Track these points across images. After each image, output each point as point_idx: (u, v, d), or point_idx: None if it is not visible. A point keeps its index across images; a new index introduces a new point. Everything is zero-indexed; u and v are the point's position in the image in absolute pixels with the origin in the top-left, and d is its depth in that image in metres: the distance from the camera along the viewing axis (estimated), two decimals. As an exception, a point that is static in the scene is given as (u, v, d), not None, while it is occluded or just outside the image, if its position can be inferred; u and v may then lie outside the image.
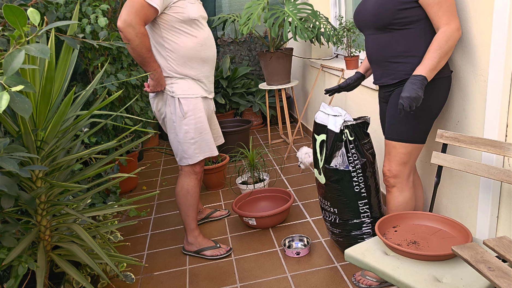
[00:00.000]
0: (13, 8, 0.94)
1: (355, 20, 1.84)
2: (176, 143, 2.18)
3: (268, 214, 2.46)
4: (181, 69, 2.07)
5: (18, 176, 1.36)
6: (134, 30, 1.88)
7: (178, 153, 2.19)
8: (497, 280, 1.02)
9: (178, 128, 2.12)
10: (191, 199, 2.25)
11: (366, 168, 1.97)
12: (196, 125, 2.12)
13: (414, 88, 1.54)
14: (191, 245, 2.30)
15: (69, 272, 1.60)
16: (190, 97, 2.09)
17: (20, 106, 0.93)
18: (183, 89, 2.08)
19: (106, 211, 1.80)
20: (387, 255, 1.47)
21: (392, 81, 1.73)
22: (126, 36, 1.90)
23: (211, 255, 2.25)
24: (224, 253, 2.28)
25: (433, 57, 1.56)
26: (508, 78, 1.47)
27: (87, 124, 1.93)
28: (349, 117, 1.97)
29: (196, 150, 2.15)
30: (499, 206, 1.62)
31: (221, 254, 2.26)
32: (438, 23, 1.58)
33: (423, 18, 1.62)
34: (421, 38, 1.64)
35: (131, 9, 1.87)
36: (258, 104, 4.68)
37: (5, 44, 1.32)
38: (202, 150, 2.17)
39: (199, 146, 2.16)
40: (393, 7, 1.61)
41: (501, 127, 1.53)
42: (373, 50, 1.77)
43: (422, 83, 1.55)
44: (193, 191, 2.25)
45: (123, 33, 1.89)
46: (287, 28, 3.21)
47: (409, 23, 1.62)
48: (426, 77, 1.56)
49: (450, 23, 1.56)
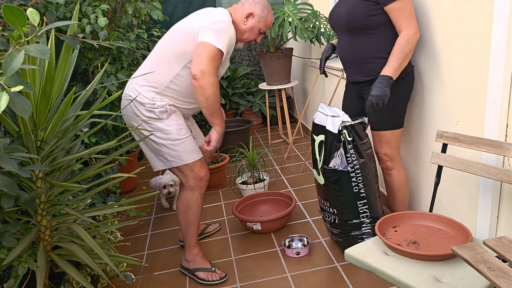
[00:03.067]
0: (13, 8, 0.94)
1: (330, 21, 2.05)
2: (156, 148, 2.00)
3: (273, 218, 2.43)
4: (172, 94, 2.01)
5: (18, 176, 1.36)
6: (211, 79, 1.86)
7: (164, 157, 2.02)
8: (497, 280, 1.02)
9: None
10: (192, 215, 2.10)
11: (365, 168, 1.97)
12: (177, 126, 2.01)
13: (381, 87, 1.78)
14: (188, 262, 2.19)
15: (69, 272, 1.60)
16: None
17: (19, 106, 0.93)
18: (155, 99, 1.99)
19: (106, 211, 1.80)
20: (387, 255, 1.47)
21: (364, 78, 1.95)
22: (202, 85, 1.86)
23: (203, 278, 2.12)
24: (216, 279, 2.11)
25: (396, 59, 1.79)
26: (508, 78, 1.47)
27: (87, 124, 1.92)
28: (347, 118, 1.96)
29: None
30: (499, 206, 1.62)
31: (212, 280, 2.11)
32: (399, 27, 1.81)
33: (388, 23, 1.84)
34: (388, 41, 1.86)
35: (207, 57, 1.84)
36: (258, 104, 4.68)
37: (5, 44, 1.32)
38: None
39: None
40: (363, 13, 1.82)
41: (501, 127, 1.53)
42: (346, 51, 1.98)
43: (388, 82, 1.79)
44: (195, 206, 2.09)
45: (199, 81, 1.85)
46: (287, 28, 3.21)
47: (377, 27, 1.84)
48: (391, 77, 1.80)
49: (409, 27, 1.79)
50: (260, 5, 2.05)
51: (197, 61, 1.85)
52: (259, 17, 2.04)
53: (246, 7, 2.04)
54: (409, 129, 2.25)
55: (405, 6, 1.78)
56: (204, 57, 1.84)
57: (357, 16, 1.83)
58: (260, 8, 2.04)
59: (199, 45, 1.88)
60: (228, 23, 1.94)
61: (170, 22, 4.66)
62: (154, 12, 3.10)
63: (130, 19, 3.04)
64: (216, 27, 1.88)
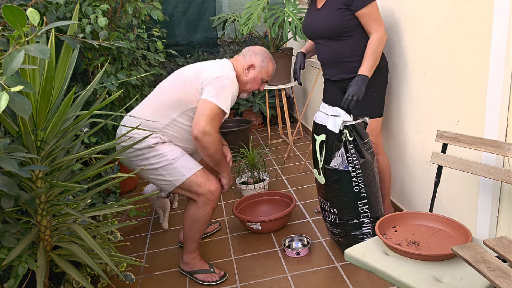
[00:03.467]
0: (13, 8, 0.94)
1: (305, 32, 2.28)
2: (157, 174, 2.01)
3: (273, 218, 2.43)
4: (167, 138, 2.04)
5: (18, 176, 1.36)
6: (212, 138, 1.91)
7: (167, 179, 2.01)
8: (497, 280, 1.02)
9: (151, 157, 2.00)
10: (199, 227, 2.08)
11: (365, 168, 1.97)
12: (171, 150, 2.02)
13: (359, 85, 2.03)
14: (186, 264, 2.19)
15: (69, 272, 1.60)
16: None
17: (19, 106, 0.93)
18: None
19: (106, 211, 1.80)
20: (387, 255, 1.47)
21: (348, 75, 2.17)
22: (204, 145, 1.91)
23: (202, 279, 2.12)
24: (216, 280, 2.10)
25: (370, 59, 2.04)
26: (508, 78, 1.47)
27: (87, 124, 1.92)
28: (349, 117, 1.96)
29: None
30: (499, 206, 1.62)
31: (212, 281, 2.10)
32: (369, 30, 2.05)
33: (361, 26, 2.08)
34: (363, 41, 2.09)
35: (209, 117, 1.88)
36: (258, 104, 4.68)
37: (5, 44, 1.32)
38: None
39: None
40: (341, 20, 2.06)
41: (501, 127, 1.53)
42: (327, 55, 2.21)
43: (364, 80, 2.04)
44: (203, 221, 2.05)
45: (201, 142, 1.90)
46: (287, 28, 3.21)
47: (352, 31, 2.08)
48: (367, 76, 2.04)
49: (378, 30, 2.04)
50: (260, 56, 2.11)
51: (198, 121, 1.90)
52: (260, 67, 2.11)
53: (247, 59, 2.11)
54: (409, 129, 2.25)
55: (373, 11, 2.02)
56: (206, 117, 1.89)
57: (336, 24, 2.08)
58: (261, 58, 2.11)
59: (202, 103, 1.92)
60: (232, 79, 1.99)
61: (170, 22, 4.68)
62: (154, 12, 3.10)
63: (130, 19, 3.04)
64: (219, 85, 1.93)
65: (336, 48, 2.15)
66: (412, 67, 2.12)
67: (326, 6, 2.12)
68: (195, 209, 2.04)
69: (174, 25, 4.74)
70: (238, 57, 2.13)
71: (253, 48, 2.13)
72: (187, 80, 2.01)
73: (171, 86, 2.05)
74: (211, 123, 1.90)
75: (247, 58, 2.10)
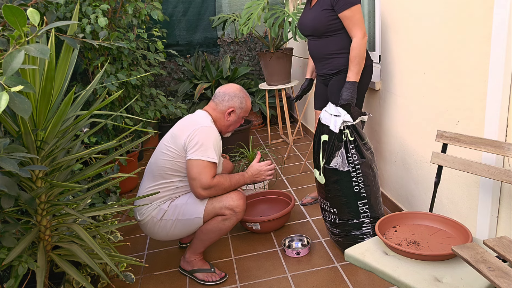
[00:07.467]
0: (13, 8, 0.94)
1: (300, 29, 2.41)
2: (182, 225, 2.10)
3: (271, 218, 2.43)
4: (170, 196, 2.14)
5: (18, 176, 1.36)
6: (215, 188, 2.00)
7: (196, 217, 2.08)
8: (497, 280, 1.02)
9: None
10: (213, 237, 2.12)
11: (365, 168, 1.97)
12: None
13: (349, 93, 2.14)
14: (187, 263, 2.20)
15: (69, 272, 1.60)
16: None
17: (19, 106, 0.93)
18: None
19: (106, 211, 1.80)
20: (387, 255, 1.47)
21: (331, 71, 2.31)
22: (208, 195, 2.02)
23: (202, 279, 2.13)
24: (216, 280, 2.11)
25: (356, 64, 2.14)
26: (508, 78, 1.47)
27: (87, 124, 1.93)
28: (349, 118, 1.96)
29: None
30: (499, 206, 1.62)
31: (212, 281, 2.11)
32: (351, 32, 2.16)
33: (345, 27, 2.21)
34: (347, 40, 2.21)
35: (200, 174, 1.96)
36: (258, 104, 4.68)
37: (5, 44, 1.32)
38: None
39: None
40: (326, 19, 2.19)
41: (501, 127, 1.53)
42: (315, 50, 2.35)
43: (353, 85, 2.15)
44: (219, 233, 2.10)
45: (204, 196, 2.01)
46: (287, 28, 3.21)
47: (337, 30, 2.20)
48: (355, 81, 2.16)
49: (358, 33, 2.13)
50: (238, 98, 2.17)
51: (193, 183, 1.99)
52: (239, 109, 2.19)
53: (225, 104, 2.16)
54: (409, 129, 2.25)
55: (354, 14, 2.10)
56: (198, 176, 1.96)
57: (321, 23, 2.21)
58: (238, 100, 2.18)
59: (189, 164, 1.99)
60: (209, 128, 2.04)
61: (170, 22, 4.68)
62: (154, 12, 3.10)
63: (130, 19, 3.04)
64: (197, 140, 1.98)
65: (322, 45, 2.28)
66: (412, 67, 2.12)
67: (316, 6, 2.25)
68: (216, 221, 2.07)
69: (174, 25, 4.74)
70: (214, 104, 2.18)
71: (227, 91, 2.17)
72: (170, 149, 2.08)
73: (160, 159, 2.11)
74: (205, 176, 1.97)
75: (225, 104, 2.15)
